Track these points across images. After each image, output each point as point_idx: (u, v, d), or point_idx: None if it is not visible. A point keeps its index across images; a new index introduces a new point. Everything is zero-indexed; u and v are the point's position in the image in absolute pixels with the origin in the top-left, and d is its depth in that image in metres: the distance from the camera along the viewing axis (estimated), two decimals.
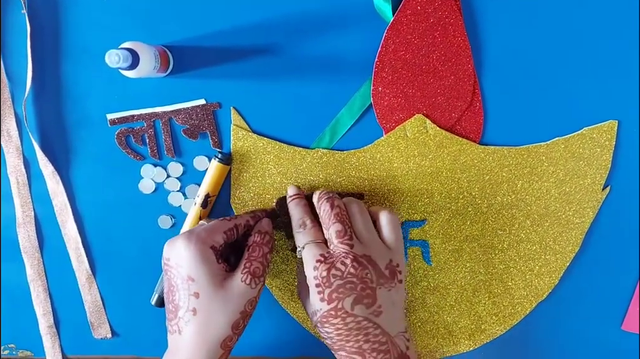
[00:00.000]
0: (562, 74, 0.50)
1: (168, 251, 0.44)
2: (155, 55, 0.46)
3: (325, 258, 0.43)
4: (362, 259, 0.43)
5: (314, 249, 0.44)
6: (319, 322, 0.43)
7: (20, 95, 0.51)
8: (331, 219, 0.44)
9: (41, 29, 0.51)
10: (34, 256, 0.54)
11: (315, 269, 0.43)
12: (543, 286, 0.52)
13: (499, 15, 0.49)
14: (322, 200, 0.46)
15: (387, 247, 0.45)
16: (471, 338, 0.53)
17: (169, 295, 0.44)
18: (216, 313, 0.43)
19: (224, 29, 0.50)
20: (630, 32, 0.49)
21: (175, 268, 0.43)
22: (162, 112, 0.51)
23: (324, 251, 0.44)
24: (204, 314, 0.42)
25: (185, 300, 0.43)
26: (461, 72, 0.50)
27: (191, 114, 0.51)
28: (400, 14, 0.49)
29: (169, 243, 0.44)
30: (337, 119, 0.51)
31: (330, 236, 0.44)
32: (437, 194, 0.52)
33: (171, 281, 0.44)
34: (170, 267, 0.44)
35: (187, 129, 0.51)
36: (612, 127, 0.50)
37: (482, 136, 0.51)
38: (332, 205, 0.45)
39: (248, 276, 0.44)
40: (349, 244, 0.43)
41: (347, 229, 0.44)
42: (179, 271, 0.43)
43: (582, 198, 0.51)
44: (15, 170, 0.52)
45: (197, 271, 0.42)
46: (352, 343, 0.43)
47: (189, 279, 0.43)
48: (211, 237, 0.44)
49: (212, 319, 0.43)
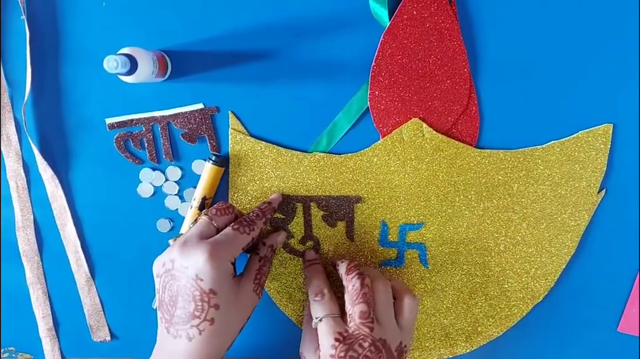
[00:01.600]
0: (557, 77, 0.50)
1: (183, 260, 0.43)
2: (153, 61, 0.46)
3: (344, 338, 0.44)
4: (378, 344, 0.44)
5: (333, 325, 0.45)
6: None
7: (20, 100, 0.52)
8: (358, 298, 0.45)
9: (40, 34, 0.51)
10: (33, 259, 0.54)
11: (333, 347, 0.44)
12: (539, 288, 0.53)
13: (495, 19, 0.50)
14: (352, 274, 0.47)
15: (400, 329, 0.47)
16: (468, 340, 0.54)
17: (174, 299, 0.44)
18: (232, 321, 0.45)
19: (222, 34, 0.51)
20: (625, 36, 0.49)
21: (195, 280, 0.43)
22: (161, 116, 0.51)
23: (343, 329, 0.45)
24: (221, 323, 0.44)
25: (203, 311, 0.43)
26: (457, 76, 0.50)
27: (189, 119, 0.51)
28: (396, 19, 0.49)
29: (183, 251, 0.44)
30: (334, 122, 0.51)
31: (353, 313, 0.45)
32: (434, 198, 0.52)
33: (183, 290, 0.43)
34: (187, 277, 0.43)
35: (185, 134, 0.52)
36: (607, 130, 0.50)
37: (478, 140, 0.51)
38: (362, 284, 0.46)
39: (259, 287, 0.47)
40: (369, 327, 0.44)
41: (371, 311, 0.45)
42: (199, 284, 0.43)
43: (578, 201, 0.51)
44: (14, 174, 0.53)
45: (220, 285, 0.43)
46: None
47: (210, 292, 0.43)
48: (232, 254, 0.45)
49: (228, 328, 0.45)
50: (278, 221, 0.53)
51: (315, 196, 0.52)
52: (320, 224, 0.53)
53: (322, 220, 0.53)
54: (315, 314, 0.46)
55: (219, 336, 0.44)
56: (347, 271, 0.47)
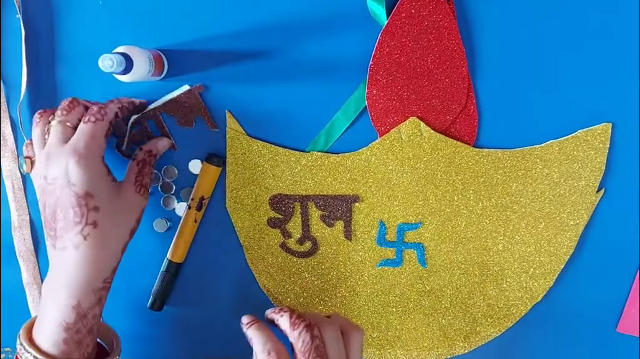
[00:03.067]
0: (556, 76, 0.50)
1: (51, 171, 0.42)
2: (149, 59, 0.46)
3: None
4: None
5: None
6: None
7: (15, 99, 0.52)
8: (311, 354, 0.43)
9: (36, 33, 0.51)
10: (29, 260, 0.54)
11: None
12: (538, 288, 0.52)
13: (493, 18, 0.49)
14: (299, 328, 0.44)
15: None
16: (466, 340, 0.54)
17: (54, 213, 0.43)
18: (118, 223, 0.44)
19: (218, 33, 0.50)
20: (625, 35, 0.49)
21: (68, 187, 0.42)
22: (152, 109, 0.51)
23: None
24: (105, 225, 0.43)
25: (83, 215, 0.42)
26: (455, 74, 0.50)
27: (179, 103, 0.51)
28: (394, 17, 0.49)
29: (49, 162, 0.42)
30: (332, 122, 0.51)
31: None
32: (432, 197, 0.52)
33: (60, 200, 0.42)
34: (57, 186, 0.42)
35: (180, 118, 0.51)
36: (607, 129, 0.50)
37: (477, 139, 0.51)
38: (312, 336, 0.43)
39: (141, 187, 0.47)
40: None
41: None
42: (73, 189, 0.42)
43: (577, 200, 0.51)
44: (10, 174, 0.53)
45: (95, 186, 0.42)
46: None
47: (86, 195, 0.42)
48: (98, 146, 0.43)
49: (115, 231, 0.44)
50: (276, 221, 0.52)
51: (312, 196, 0.52)
52: (318, 224, 0.52)
53: (319, 220, 0.52)
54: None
55: (107, 239, 0.43)
56: (292, 325, 0.44)
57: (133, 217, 0.46)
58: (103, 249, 0.43)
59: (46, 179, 0.43)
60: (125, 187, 0.46)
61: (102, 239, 0.43)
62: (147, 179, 0.48)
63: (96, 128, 0.44)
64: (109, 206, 0.43)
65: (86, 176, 0.42)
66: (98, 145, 0.43)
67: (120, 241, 0.45)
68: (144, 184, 0.47)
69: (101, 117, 0.44)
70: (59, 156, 0.42)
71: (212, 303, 0.55)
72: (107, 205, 0.43)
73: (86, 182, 0.42)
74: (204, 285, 0.54)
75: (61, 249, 0.43)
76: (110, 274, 0.45)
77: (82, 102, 0.46)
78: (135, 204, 0.46)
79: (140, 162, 0.48)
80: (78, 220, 0.42)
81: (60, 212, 0.42)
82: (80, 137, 0.43)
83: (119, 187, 0.46)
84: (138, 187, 0.47)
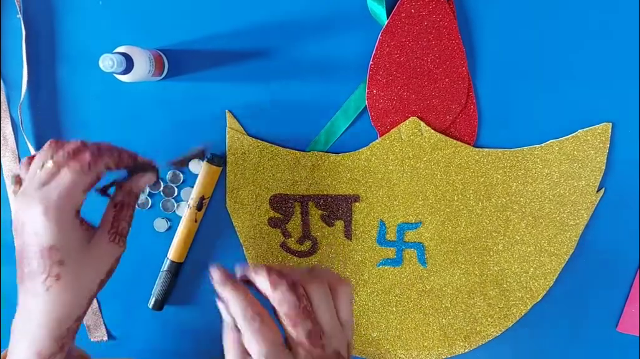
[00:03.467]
0: (556, 76, 0.50)
1: (21, 215, 0.39)
2: (150, 59, 0.46)
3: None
4: (333, 357, 0.37)
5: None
6: None
7: (16, 99, 0.52)
8: (300, 316, 0.36)
9: (36, 33, 0.51)
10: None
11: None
12: (538, 287, 0.52)
13: (493, 18, 0.50)
14: (281, 286, 0.36)
15: (343, 328, 0.38)
16: (466, 339, 0.54)
17: (22, 259, 0.40)
18: (85, 275, 0.41)
19: (219, 33, 0.50)
20: (625, 35, 0.49)
21: (34, 236, 0.38)
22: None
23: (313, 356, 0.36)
24: (70, 278, 0.40)
25: (46, 267, 0.39)
26: (455, 74, 0.50)
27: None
28: (394, 17, 0.49)
29: (22, 204, 0.39)
30: (332, 121, 0.51)
31: (298, 337, 0.36)
32: (432, 197, 0.52)
33: (26, 247, 0.39)
34: (24, 232, 0.39)
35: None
36: (607, 129, 0.50)
37: (477, 139, 0.51)
38: (299, 296, 0.36)
39: (116, 236, 0.42)
40: (321, 346, 0.36)
41: (317, 326, 0.36)
42: (38, 239, 0.38)
43: (577, 200, 0.51)
44: (11, 173, 0.53)
45: (61, 239, 0.39)
46: None
47: (51, 248, 0.38)
48: (74, 199, 0.39)
49: (81, 282, 0.40)
50: (276, 221, 0.52)
51: (313, 195, 0.52)
52: (319, 224, 0.52)
53: (320, 219, 0.52)
54: (256, 348, 0.35)
55: (71, 291, 0.40)
56: (272, 284, 0.36)
57: (104, 269, 0.42)
58: (65, 301, 0.40)
59: (17, 219, 0.39)
60: (99, 236, 0.42)
61: (65, 290, 0.40)
62: (124, 224, 0.43)
63: (77, 180, 0.39)
64: (76, 259, 0.40)
65: (53, 229, 0.38)
66: (74, 198, 0.39)
67: (86, 293, 0.41)
68: (120, 231, 0.43)
69: (87, 168, 0.39)
70: (31, 200, 0.38)
71: (213, 303, 0.54)
72: (74, 259, 0.40)
73: (52, 235, 0.38)
74: (205, 285, 0.54)
75: (24, 293, 0.41)
76: (75, 323, 0.41)
77: (91, 147, 0.41)
78: (109, 255, 0.42)
79: (118, 204, 0.43)
80: (41, 271, 0.39)
81: (26, 259, 0.39)
82: (57, 186, 0.39)
83: (93, 235, 0.42)
84: (113, 236, 0.42)
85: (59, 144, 0.41)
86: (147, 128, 0.52)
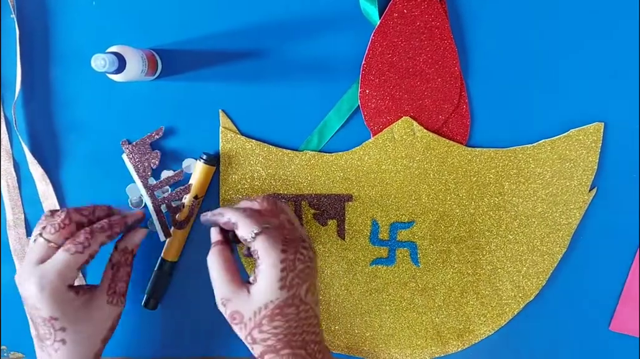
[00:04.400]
0: (548, 76, 0.50)
1: (22, 289, 0.44)
2: (142, 59, 0.46)
3: (289, 241, 0.42)
4: (308, 244, 0.44)
5: (276, 233, 0.42)
6: (267, 317, 0.41)
7: (10, 98, 0.52)
8: (278, 210, 0.45)
9: (30, 33, 0.51)
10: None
11: (283, 252, 0.41)
12: (531, 286, 0.53)
13: (485, 18, 0.50)
14: (262, 197, 0.46)
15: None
16: (460, 338, 0.54)
17: (33, 324, 0.45)
18: (89, 336, 0.45)
19: (212, 32, 0.51)
20: (617, 35, 0.49)
21: (34, 309, 0.43)
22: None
23: (283, 235, 0.42)
24: (74, 341, 0.44)
25: (51, 335, 0.44)
26: (448, 74, 0.50)
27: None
28: (386, 17, 0.49)
29: (20, 281, 0.43)
30: (325, 121, 0.51)
31: (282, 224, 0.44)
32: (425, 196, 0.52)
33: (32, 315, 0.44)
34: (29, 306, 0.43)
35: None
36: (599, 129, 0.50)
37: (469, 138, 0.51)
38: (274, 198, 0.46)
39: (114, 297, 0.47)
40: (292, 229, 0.44)
41: (287, 216, 0.45)
42: (40, 312, 0.43)
43: (569, 199, 0.51)
44: (5, 173, 0.53)
45: (61, 310, 0.43)
46: (297, 336, 0.42)
47: (51, 319, 0.43)
48: (69, 277, 0.43)
49: (86, 342, 0.45)
50: None
51: (306, 195, 0.52)
52: (312, 223, 0.53)
53: (313, 219, 0.53)
54: (251, 228, 0.42)
55: (79, 350, 0.45)
56: (250, 199, 0.46)
57: (105, 327, 0.46)
58: (77, 355, 0.45)
59: (20, 289, 0.44)
60: (98, 298, 0.46)
61: (74, 350, 0.44)
62: (121, 284, 0.47)
63: (73, 261, 0.43)
64: (76, 325, 0.44)
65: (50, 304, 0.43)
66: (70, 276, 0.43)
67: (91, 350, 0.46)
68: (118, 291, 0.47)
69: (82, 249, 0.43)
70: (30, 277, 0.43)
71: (206, 302, 0.54)
72: (74, 325, 0.44)
73: (50, 309, 0.43)
74: (199, 283, 0.54)
75: (41, 349, 0.45)
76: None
77: (77, 216, 0.45)
78: (108, 315, 0.46)
79: (115, 266, 0.47)
80: (48, 337, 0.44)
81: (33, 324, 0.45)
82: (54, 265, 0.43)
83: (90, 300, 0.45)
84: (111, 297, 0.46)
85: (49, 219, 0.45)
86: (141, 127, 0.52)
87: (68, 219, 0.44)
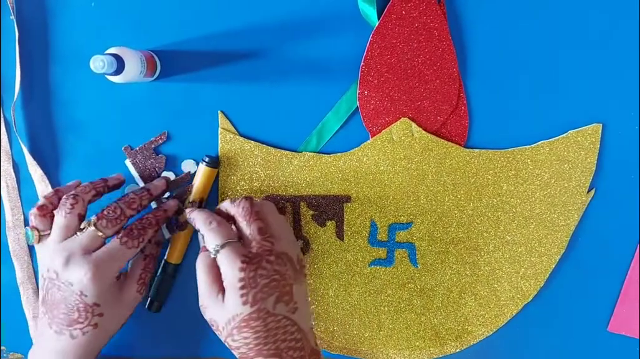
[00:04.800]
0: (546, 77, 0.50)
1: (67, 275, 0.44)
2: (141, 60, 0.46)
3: (250, 258, 0.42)
4: (282, 256, 0.44)
5: (236, 249, 0.43)
6: (235, 328, 0.42)
7: (9, 99, 0.52)
8: (252, 216, 0.44)
9: (29, 34, 0.51)
10: (23, 259, 0.54)
11: (242, 270, 0.42)
12: (529, 288, 0.53)
13: (484, 19, 0.50)
14: (240, 200, 0.46)
15: (295, 241, 0.47)
16: (458, 339, 0.54)
17: (57, 305, 0.45)
18: (114, 322, 0.48)
19: (211, 33, 0.51)
20: (616, 36, 0.49)
21: (79, 295, 0.44)
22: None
23: (246, 251, 0.43)
24: (103, 326, 0.46)
25: (87, 319, 0.45)
26: (446, 75, 0.50)
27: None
28: (385, 19, 0.49)
29: (67, 267, 0.44)
30: (323, 122, 0.51)
31: (252, 232, 0.44)
32: (423, 197, 0.52)
33: (67, 299, 0.45)
34: (71, 292, 0.44)
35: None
36: (597, 130, 0.50)
37: (468, 139, 0.51)
38: (252, 203, 0.45)
39: (143, 286, 0.49)
40: (271, 242, 0.44)
41: (267, 226, 0.45)
42: (83, 299, 0.44)
43: (567, 201, 0.51)
44: (4, 174, 0.53)
45: (103, 297, 0.45)
46: (269, 345, 0.42)
47: (94, 305, 0.45)
48: (116, 269, 0.45)
49: (110, 327, 0.47)
50: None
51: (304, 196, 0.52)
52: (310, 224, 0.53)
53: (311, 220, 0.53)
54: (214, 242, 0.43)
55: (102, 335, 0.47)
56: (232, 201, 0.46)
57: (127, 315, 0.49)
58: (96, 343, 0.47)
59: (58, 276, 0.45)
60: (129, 285, 0.48)
61: (98, 335, 0.46)
62: (150, 276, 0.50)
63: (126, 253, 0.46)
64: (111, 310, 0.46)
65: (99, 291, 0.45)
66: (119, 266, 0.46)
67: (111, 335, 0.48)
68: (146, 282, 0.50)
69: (136, 245, 0.46)
70: (81, 265, 0.44)
71: None
72: (110, 309, 0.46)
73: (97, 295, 0.45)
74: None
75: (57, 333, 0.46)
76: (97, 355, 0.48)
77: (129, 211, 0.47)
78: (134, 302, 0.49)
79: (148, 257, 0.50)
80: (82, 321, 0.45)
81: (65, 308, 0.45)
82: (108, 256, 0.45)
83: (122, 287, 0.48)
84: (140, 286, 0.49)
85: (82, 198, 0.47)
86: (140, 128, 0.52)
87: (123, 214, 0.46)
